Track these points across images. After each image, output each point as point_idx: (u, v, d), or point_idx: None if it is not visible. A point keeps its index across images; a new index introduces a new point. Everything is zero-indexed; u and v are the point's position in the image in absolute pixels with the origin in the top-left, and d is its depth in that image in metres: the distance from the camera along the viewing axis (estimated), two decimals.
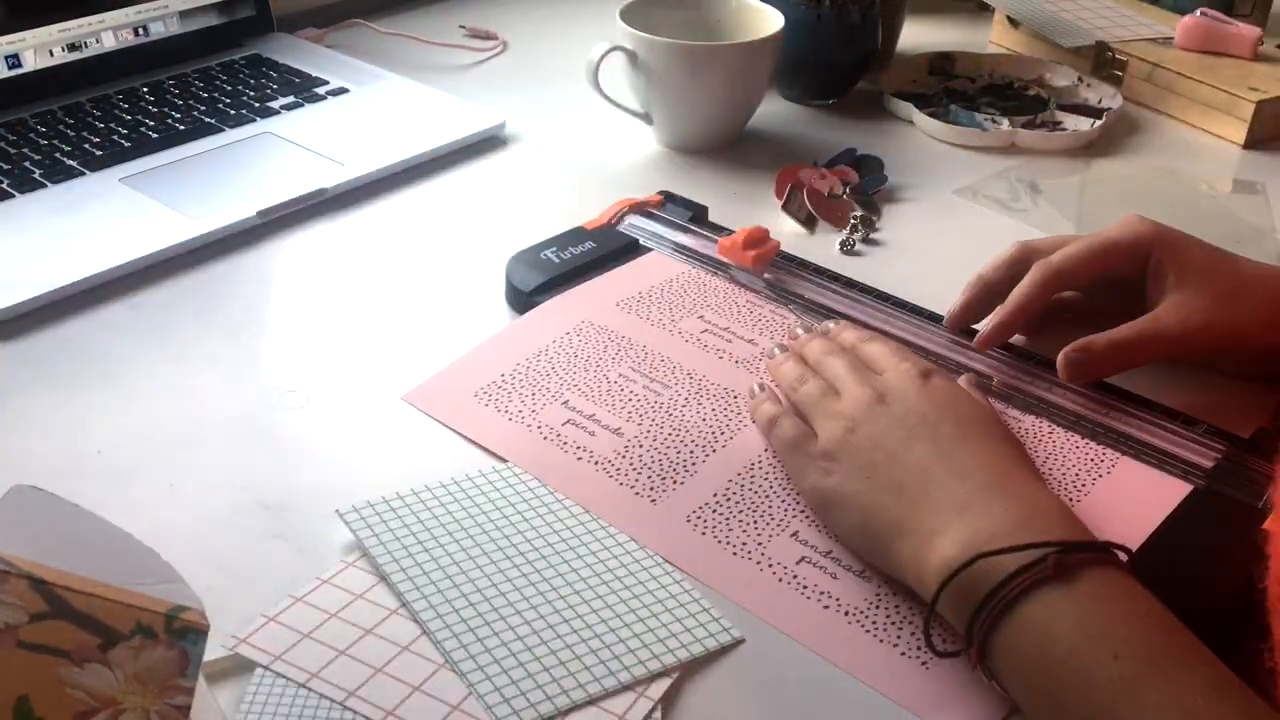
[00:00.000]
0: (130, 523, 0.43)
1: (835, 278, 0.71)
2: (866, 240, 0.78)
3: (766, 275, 0.70)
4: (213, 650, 0.42)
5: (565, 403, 0.60)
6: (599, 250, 0.72)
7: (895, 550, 0.49)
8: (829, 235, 0.78)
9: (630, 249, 0.73)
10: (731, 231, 0.73)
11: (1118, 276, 0.63)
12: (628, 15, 0.86)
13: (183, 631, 0.37)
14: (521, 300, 0.69)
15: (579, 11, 1.16)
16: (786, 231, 0.78)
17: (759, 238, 0.71)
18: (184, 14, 0.96)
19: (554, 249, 0.72)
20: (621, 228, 0.75)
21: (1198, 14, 1.02)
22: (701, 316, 0.67)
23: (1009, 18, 1.09)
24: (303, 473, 0.57)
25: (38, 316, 0.67)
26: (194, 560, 0.50)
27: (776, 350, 0.62)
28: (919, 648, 0.48)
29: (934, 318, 0.67)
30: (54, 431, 0.59)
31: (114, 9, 0.92)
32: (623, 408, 0.60)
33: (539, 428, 0.58)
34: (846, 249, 0.76)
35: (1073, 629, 0.43)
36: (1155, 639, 0.42)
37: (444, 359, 0.64)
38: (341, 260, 0.74)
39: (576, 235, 0.73)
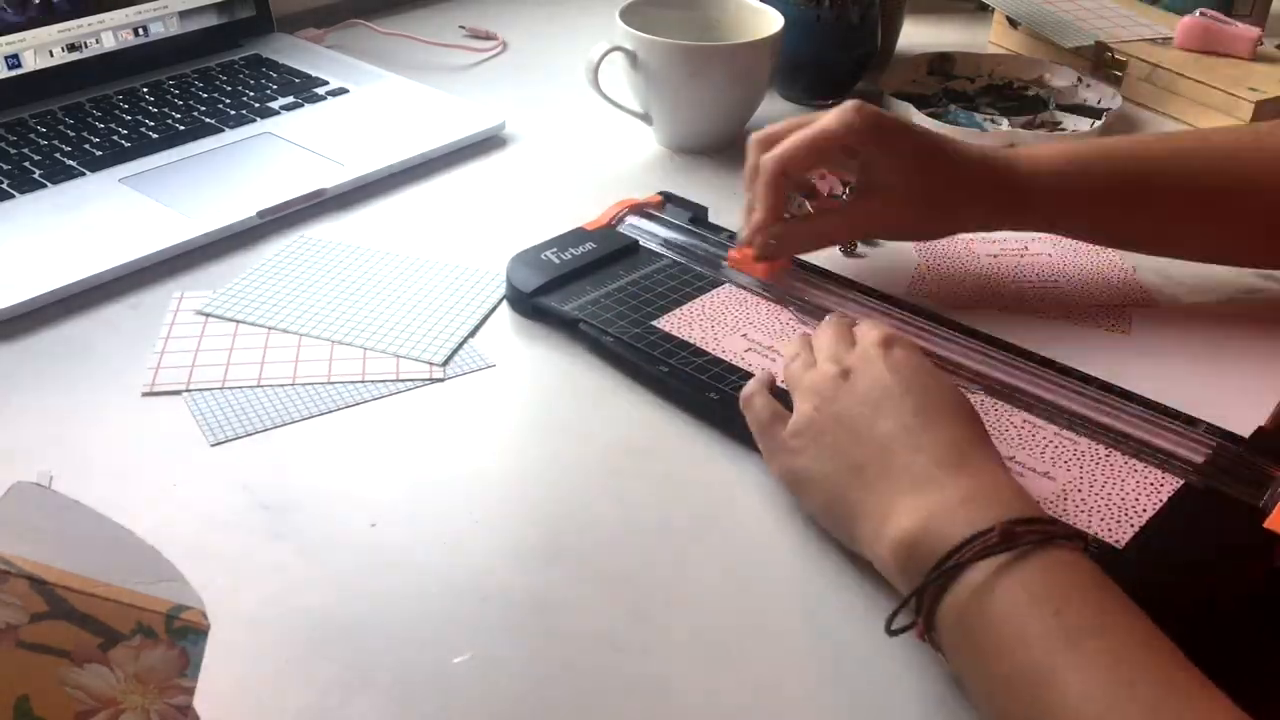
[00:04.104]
0: (131, 522, 0.43)
1: (835, 278, 0.71)
2: (866, 240, 0.78)
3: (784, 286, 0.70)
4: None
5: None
6: (599, 251, 0.72)
7: (857, 531, 0.50)
8: None
9: (631, 250, 0.73)
10: (733, 234, 0.73)
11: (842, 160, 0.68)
12: (627, 15, 0.86)
13: (183, 631, 0.37)
14: (523, 301, 0.69)
15: (579, 11, 1.16)
16: None
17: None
18: (184, 14, 0.96)
19: (554, 249, 0.72)
20: (622, 228, 0.75)
21: (1197, 14, 1.02)
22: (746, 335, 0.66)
23: (1009, 18, 1.10)
24: (303, 472, 0.57)
25: (38, 316, 0.67)
26: (194, 560, 0.50)
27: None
28: None
29: (935, 318, 0.67)
30: (55, 431, 0.59)
31: (113, 9, 0.92)
32: None
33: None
34: (847, 250, 0.76)
35: (1014, 588, 0.42)
36: (1099, 602, 0.42)
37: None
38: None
39: (577, 236, 0.73)
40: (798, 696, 0.47)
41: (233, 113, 0.89)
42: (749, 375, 0.62)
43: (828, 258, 0.75)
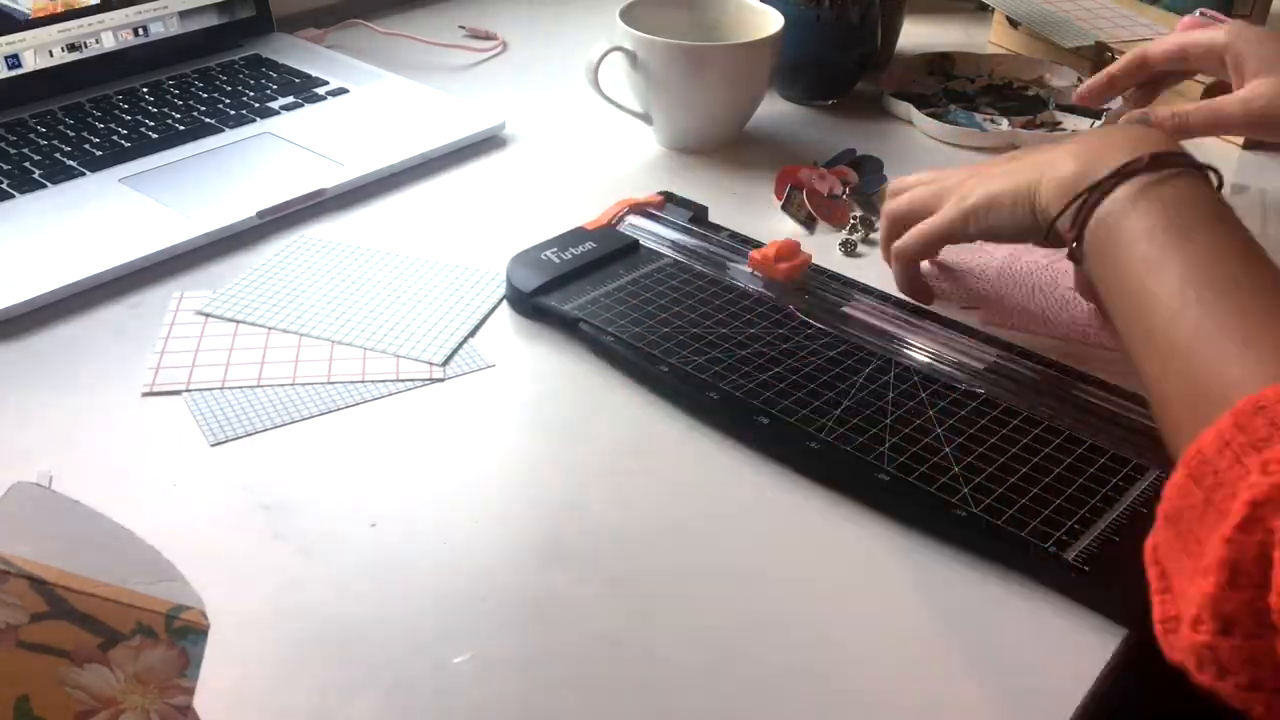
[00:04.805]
0: (131, 522, 0.43)
1: (836, 278, 0.71)
2: (866, 240, 0.78)
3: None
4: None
5: None
6: (599, 250, 0.72)
7: (1037, 212, 0.58)
8: (829, 235, 0.78)
9: (631, 249, 0.73)
10: (751, 240, 0.73)
11: (1205, 70, 0.77)
12: (627, 15, 0.86)
13: (183, 631, 0.37)
14: (523, 301, 0.69)
15: (579, 11, 1.16)
16: (786, 232, 0.78)
17: (790, 250, 0.70)
18: (184, 14, 0.96)
19: (554, 249, 0.72)
20: (622, 228, 0.75)
21: (1197, 14, 1.02)
22: None
23: (1009, 18, 1.10)
24: (303, 472, 0.57)
25: (38, 316, 0.67)
26: (194, 560, 0.50)
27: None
28: None
29: (935, 318, 0.67)
30: (55, 431, 0.59)
31: (115, 9, 0.92)
32: None
33: None
34: (847, 250, 0.76)
35: (1155, 206, 0.51)
36: (1225, 232, 0.50)
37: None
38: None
39: (577, 235, 0.73)
40: (799, 696, 0.47)
41: (232, 113, 0.89)
42: (750, 375, 0.62)
43: (828, 258, 0.75)
